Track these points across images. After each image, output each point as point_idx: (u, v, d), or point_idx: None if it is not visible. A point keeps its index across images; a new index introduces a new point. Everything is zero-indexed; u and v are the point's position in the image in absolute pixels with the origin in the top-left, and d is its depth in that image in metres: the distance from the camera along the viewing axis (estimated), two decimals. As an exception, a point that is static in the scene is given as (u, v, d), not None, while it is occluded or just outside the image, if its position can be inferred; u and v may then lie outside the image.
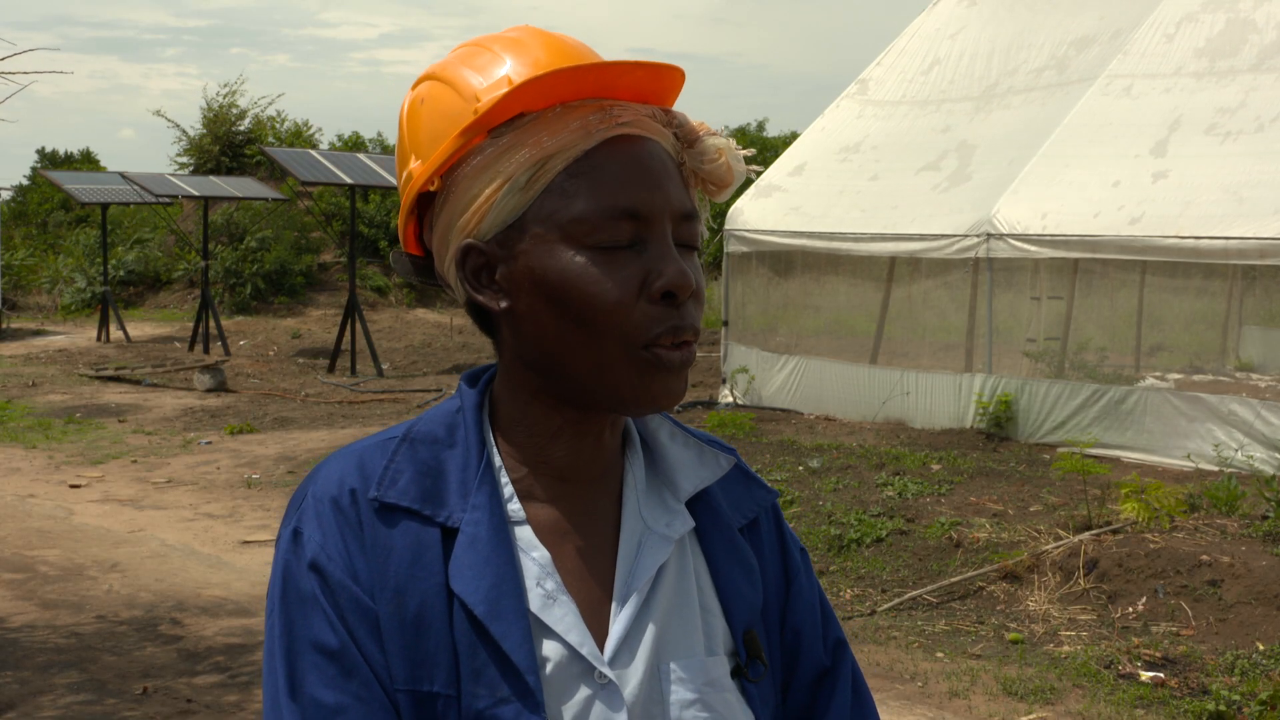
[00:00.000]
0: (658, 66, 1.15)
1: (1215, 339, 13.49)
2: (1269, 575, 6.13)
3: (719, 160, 1.19)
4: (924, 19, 13.80)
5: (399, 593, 1.11)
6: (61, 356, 17.95)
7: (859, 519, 7.63)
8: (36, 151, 43.70)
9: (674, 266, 1.13)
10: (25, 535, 8.03)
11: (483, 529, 1.13)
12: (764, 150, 28.03)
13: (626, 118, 1.14)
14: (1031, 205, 10.42)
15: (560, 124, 1.13)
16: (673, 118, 1.19)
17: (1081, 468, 7.10)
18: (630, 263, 1.13)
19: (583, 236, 1.12)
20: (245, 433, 11.82)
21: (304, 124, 30.38)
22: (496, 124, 1.15)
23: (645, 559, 1.18)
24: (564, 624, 1.13)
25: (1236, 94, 10.28)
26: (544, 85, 1.13)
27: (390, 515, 1.14)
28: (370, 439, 1.21)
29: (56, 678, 5.46)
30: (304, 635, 1.12)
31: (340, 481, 1.16)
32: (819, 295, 13.04)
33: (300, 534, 1.15)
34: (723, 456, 1.26)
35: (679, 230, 1.16)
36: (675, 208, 1.15)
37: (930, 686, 5.39)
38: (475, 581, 1.11)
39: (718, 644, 1.21)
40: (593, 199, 1.12)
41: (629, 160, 1.14)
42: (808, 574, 1.33)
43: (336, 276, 24.62)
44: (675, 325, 1.13)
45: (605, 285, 1.12)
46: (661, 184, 1.14)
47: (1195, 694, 5.20)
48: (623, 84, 1.15)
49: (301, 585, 1.13)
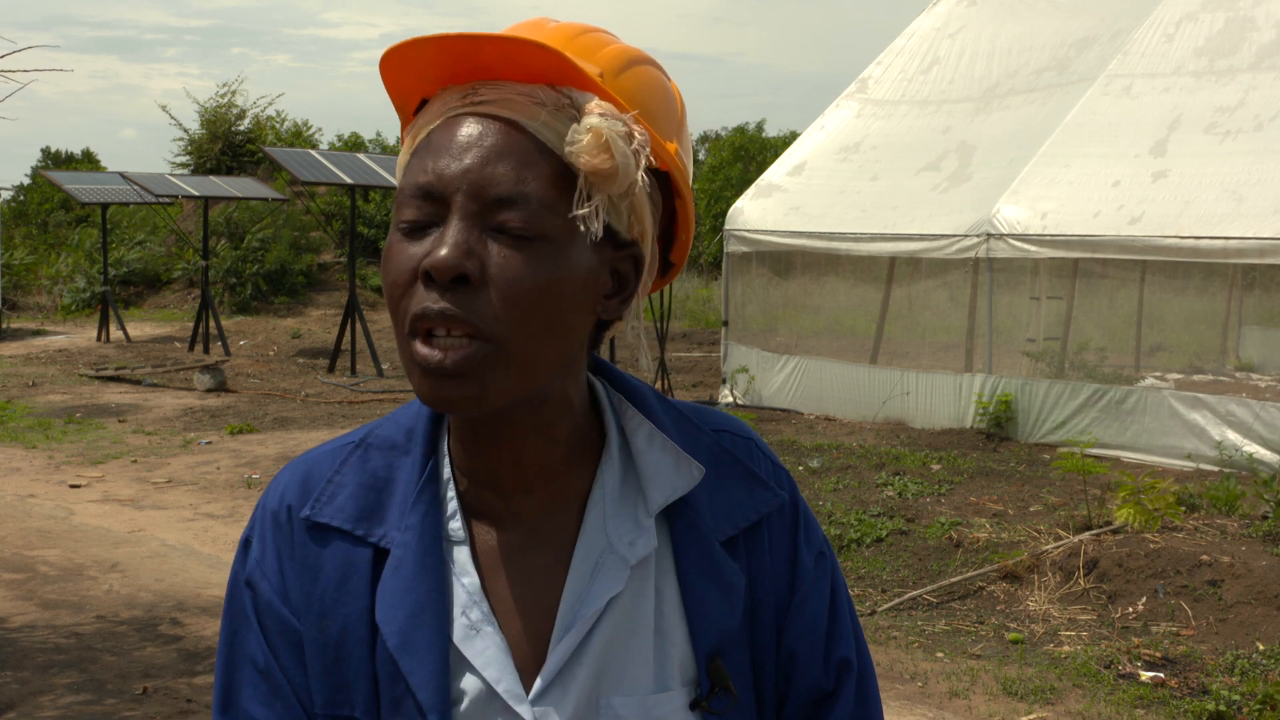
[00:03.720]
0: (508, 40, 1.04)
1: (1215, 339, 13.49)
2: (1269, 575, 6.13)
3: (583, 139, 1.04)
4: (924, 19, 13.81)
5: (322, 615, 1.08)
6: (61, 356, 17.94)
7: (859, 519, 7.63)
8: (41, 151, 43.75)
9: (443, 247, 1.02)
10: (25, 535, 8.03)
11: (410, 552, 1.08)
12: (764, 150, 28.06)
13: (489, 96, 1.06)
14: (1031, 205, 10.42)
15: (431, 108, 1.09)
16: (566, 96, 1.06)
17: (1081, 468, 7.10)
18: (422, 243, 1.04)
19: (396, 217, 1.07)
20: (245, 433, 11.82)
21: (304, 124, 30.43)
22: (414, 111, 1.12)
23: (598, 585, 1.09)
24: (483, 658, 1.07)
25: (1236, 93, 10.28)
26: (410, 64, 1.08)
27: (321, 535, 1.10)
28: (329, 444, 1.17)
29: (56, 678, 5.46)
30: (241, 649, 1.12)
31: (282, 495, 1.13)
32: (819, 295, 13.04)
33: (249, 545, 1.14)
34: (695, 465, 1.14)
35: (494, 214, 1.03)
36: (480, 187, 1.03)
37: (930, 686, 5.39)
38: (393, 610, 1.06)
39: (672, 676, 1.11)
40: (405, 178, 1.07)
41: (444, 139, 1.05)
42: (818, 584, 1.19)
43: (336, 276, 24.61)
44: (424, 309, 1.02)
45: (392, 264, 1.05)
46: (468, 159, 1.03)
47: (1195, 694, 5.20)
48: (488, 60, 1.06)
49: (239, 599, 1.13)
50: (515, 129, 1.05)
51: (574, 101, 1.06)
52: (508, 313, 1.02)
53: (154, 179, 19.65)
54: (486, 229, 1.03)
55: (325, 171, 16.23)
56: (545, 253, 1.04)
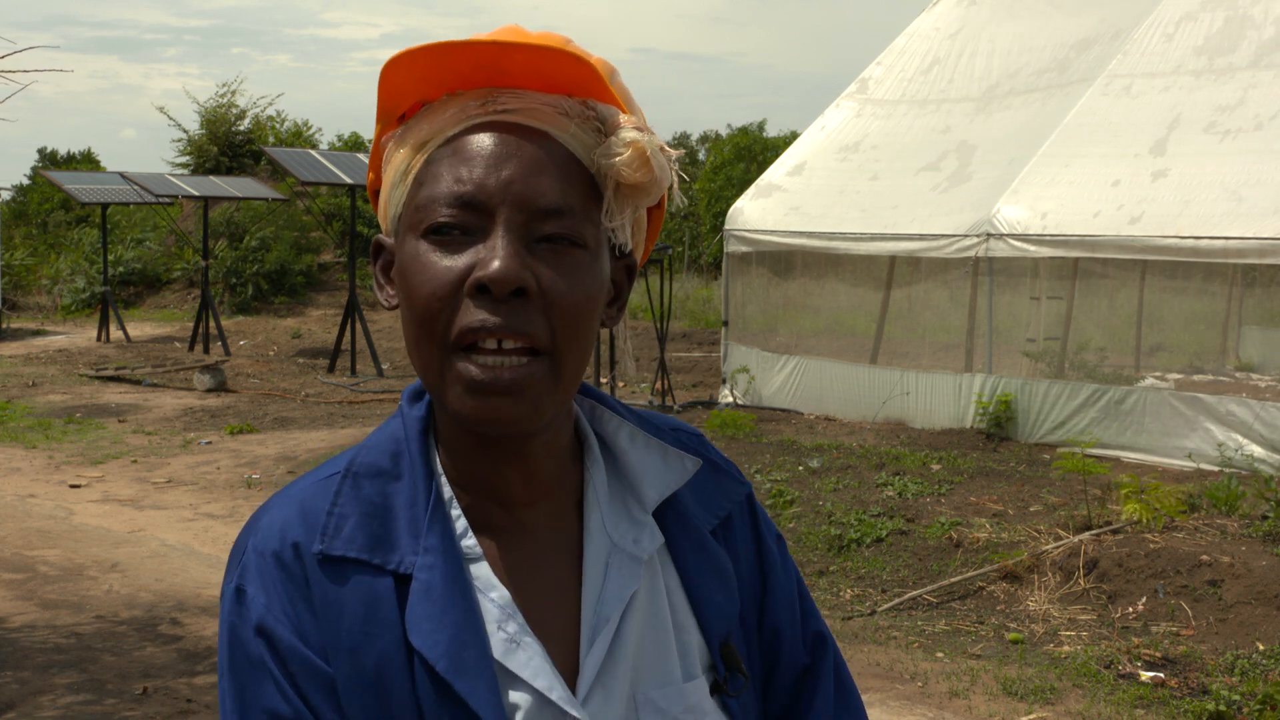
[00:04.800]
0: (541, 50, 1.04)
1: (1215, 339, 13.49)
2: (1269, 575, 6.13)
3: (625, 153, 1.05)
4: (924, 19, 13.81)
5: (354, 652, 1.04)
6: (61, 356, 17.94)
7: (859, 519, 7.63)
8: (37, 151, 43.75)
9: (496, 259, 1.01)
10: (25, 535, 8.03)
11: (437, 574, 1.05)
12: (764, 150, 28.04)
13: (512, 105, 1.05)
14: (1031, 205, 10.42)
15: (440, 112, 1.07)
16: (590, 108, 1.07)
17: (1081, 468, 7.10)
18: (462, 255, 1.03)
19: (421, 224, 1.04)
20: (245, 433, 11.82)
21: (304, 124, 30.45)
22: (401, 114, 1.11)
23: (613, 584, 1.11)
24: (530, 669, 1.06)
25: (1235, 91, 10.28)
26: (420, 74, 1.06)
27: (338, 569, 1.05)
28: (310, 476, 1.13)
29: (56, 678, 5.46)
30: (255, 704, 1.04)
31: (281, 534, 1.07)
32: (819, 295, 13.05)
33: (244, 593, 1.06)
34: (688, 458, 1.17)
35: (539, 225, 1.03)
36: (525, 198, 1.03)
37: (930, 686, 5.39)
38: (434, 634, 1.03)
39: (695, 664, 1.14)
40: (434, 185, 1.04)
41: (481, 146, 1.04)
42: (784, 566, 1.24)
43: (336, 276, 24.62)
44: (479, 323, 1.01)
45: (427, 273, 1.03)
46: (509, 170, 1.03)
47: (1195, 694, 5.20)
48: (511, 69, 1.05)
49: (249, 650, 1.05)
50: (548, 140, 1.05)
51: (599, 114, 1.07)
52: (561, 326, 1.03)
53: (154, 179, 19.65)
54: (531, 241, 1.03)
55: (325, 171, 16.24)
56: (585, 264, 1.05)
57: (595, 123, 1.07)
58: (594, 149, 1.07)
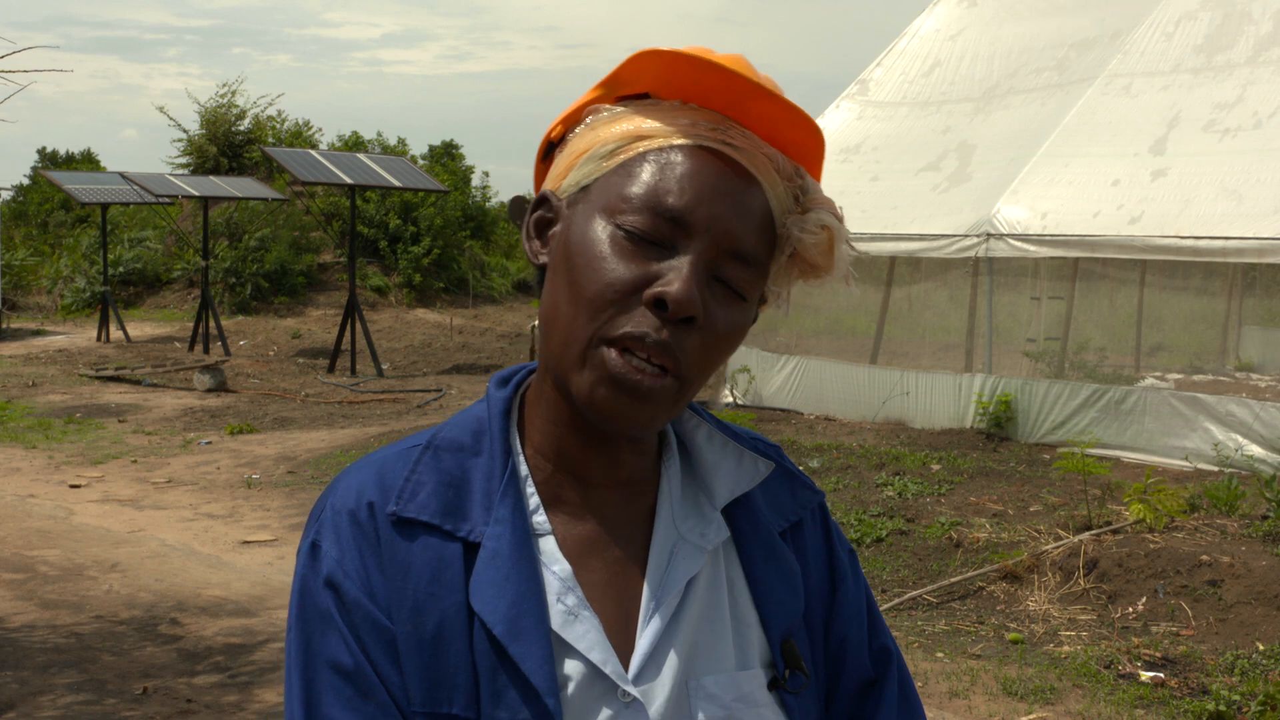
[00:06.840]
0: (789, 107, 1.08)
1: (1215, 339, 13.50)
2: (1269, 575, 6.13)
3: (818, 235, 1.11)
4: (924, 20, 13.81)
5: (417, 611, 1.08)
6: (61, 356, 17.94)
7: (859, 519, 7.63)
8: (37, 151, 43.73)
9: (682, 281, 1.06)
10: (25, 535, 8.03)
11: (505, 544, 1.10)
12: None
13: (740, 144, 1.10)
14: (1031, 205, 10.42)
15: (671, 115, 1.11)
16: (800, 177, 1.13)
17: (1082, 468, 7.10)
18: (649, 260, 1.08)
19: (618, 214, 1.08)
20: (245, 433, 11.82)
21: (304, 124, 30.41)
22: (624, 94, 1.14)
23: (675, 570, 1.14)
24: (586, 641, 1.10)
25: (1234, 89, 10.27)
26: (669, 72, 1.10)
27: (409, 530, 1.10)
28: (393, 447, 1.18)
29: (56, 678, 5.46)
30: (320, 653, 1.09)
31: (359, 494, 1.12)
32: (818, 295, 13.01)
33: (318, 548, 1.12)
34: (762, 461, 1.21)
35: (725, 265, 1.09)
36: (726, 238, 1.08)
37: (930, 686, 5.39)
38: (495, 600, 1.08)
39: (753, 657, 1.17)
40: (646, 187, 1.08)
41: (704, 171, 1.08)
42: (855, 577, 1.27)
43: (336, 276, 24.62)
44: (644, 333, 1.06)
45: (609, 263, 1.07)
46: (721, 206, 1.08)
47: (1195, 694, 5.20)
48: (752, 110, 1.10)
49: (318, 602, 1.10)
50: (759, 190, 1.10)
51: (804, 185, 1.13)
52: (705, 359, 1.10)
53: (154, 179, 19.66)
54: (712, 275, 1.09)
55: (325, 171, 16.24)
56: (744, 311, 1.12)
57: (798, 190, 1.12)
58: (787, 214, 1.12)
